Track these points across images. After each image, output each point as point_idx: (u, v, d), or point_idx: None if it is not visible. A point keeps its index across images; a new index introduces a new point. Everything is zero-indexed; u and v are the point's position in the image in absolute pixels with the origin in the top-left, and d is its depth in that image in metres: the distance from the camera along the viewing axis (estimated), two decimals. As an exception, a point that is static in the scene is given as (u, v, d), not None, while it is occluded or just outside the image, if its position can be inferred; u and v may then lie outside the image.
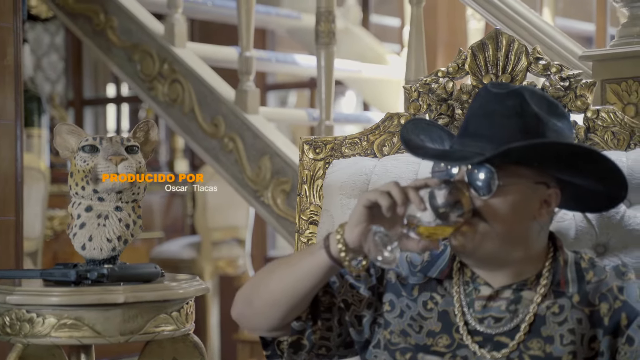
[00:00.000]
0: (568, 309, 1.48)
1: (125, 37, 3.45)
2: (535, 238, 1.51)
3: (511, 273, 1.51)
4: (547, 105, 1.51)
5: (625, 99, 2.13)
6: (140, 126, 1.96)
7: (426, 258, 1.60)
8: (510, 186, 1.46)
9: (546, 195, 1.49)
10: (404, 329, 1.55)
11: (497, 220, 1.46)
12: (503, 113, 1.48)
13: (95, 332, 1.70)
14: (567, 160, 1.47)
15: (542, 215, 1.49)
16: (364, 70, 4.15)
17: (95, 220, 1.87)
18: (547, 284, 1.49)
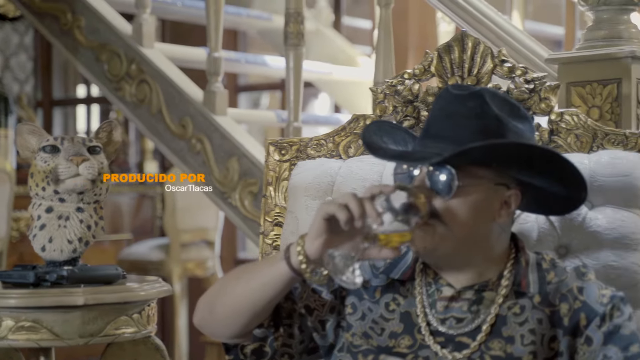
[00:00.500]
0: (529, 309, 1.48)
1: (92, 37, 3.42)
2: (495, 239, 1.51)
3: (473, 274, 1.51)
4: (509, 107, 1.52)
5: (590, 101, 2.14)
6: (103, 126, 1.94)
7: (388, 260, 1.60)
8: (470, 187, 1.47)
9: (506, 196, 1.49)
10: (365, 332, 1.55)
11: (456, 221, 1.46)
12: (463, 114, 1.48)
13: (54, 335, 1.68)
14: (526, 162, 1.47)
15: (502, 216, 1.49)
16: (335, 72, 4.14)
17: (56, 221, 1.85)
18: (509, 285, 1.50)
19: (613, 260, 1.69)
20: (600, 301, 1.46)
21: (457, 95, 1.50)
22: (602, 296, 1.47)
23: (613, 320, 1.45)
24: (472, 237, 1.48)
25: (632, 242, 1.70)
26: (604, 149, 1.78)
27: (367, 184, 1.96)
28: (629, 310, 1.47)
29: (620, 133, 1.79)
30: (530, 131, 1.53)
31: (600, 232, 1.71)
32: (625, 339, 1.43)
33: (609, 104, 2.13)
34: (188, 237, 4.74)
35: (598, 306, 1.46)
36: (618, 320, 1.45)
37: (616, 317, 1.45)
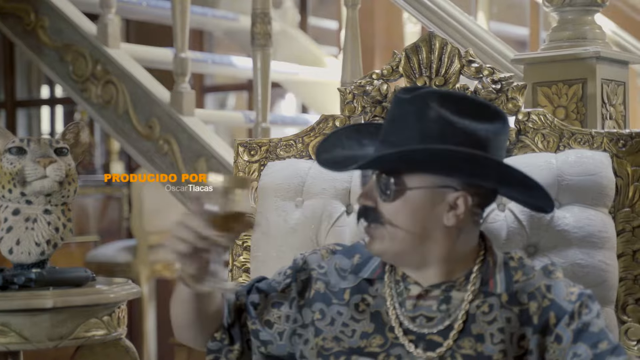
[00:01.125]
0: (497, 308, 1.50)
1: (56, 38, 3.39)
2: (454, 240, 1.51)
3: (439, 272, 1.52)
4: (470, 107, 1.49)
5: (556, 101, 2.17)
6: (70, 128, 1.93)
7: (356, 261, 1.61)
8: (412, 190, 1.48)
9: (452, 199, 1.49)
10: (336, 336, 1.56)
11: (401, 223, 1.48)
12: (405, 118, 1.49)
13: (23, 338, 1.66)
14: (464, 167, 1.47)
15: (449, 219, 1.49)
16: (301, 72, 4.15)
17: (23, 223, 1.83)
18: (477, 284, 1.51)
19: (581, 259, 1.71)
20: (569, 299, 1.48)
21: (400, 99, 1.51)
22: (570, 294, 1.49)
23: (582, 317, 1.46)
24: (423, 239, 1.50)
25: (599, 240, 1.72)
26: (571, 148, 1.81)
27: (337, 184, 1.96)
28: (597, 308, 1.49)
29: (587, 132, 1.81)
30: (496, 132, 1.50)
31: (568, 230, 1.73)
32: (594, 337, 1.45)
33: (574, 104, 2.16)
34: (155, 238, 4.71)
35: (566, 304, 1.48)
36: (587, 317, 1.46)
37: (585, 314, 1.46)
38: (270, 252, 1.96)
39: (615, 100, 2.18)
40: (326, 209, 1.95)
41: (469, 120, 1.48)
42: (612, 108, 2.16)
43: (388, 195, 1.48)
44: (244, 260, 2.03)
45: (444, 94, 1.51)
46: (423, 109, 1.47)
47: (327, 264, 1.62)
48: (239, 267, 2.03)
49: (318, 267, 1.62)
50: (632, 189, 1.75)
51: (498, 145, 1.50)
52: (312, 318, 1.58)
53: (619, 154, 1.77)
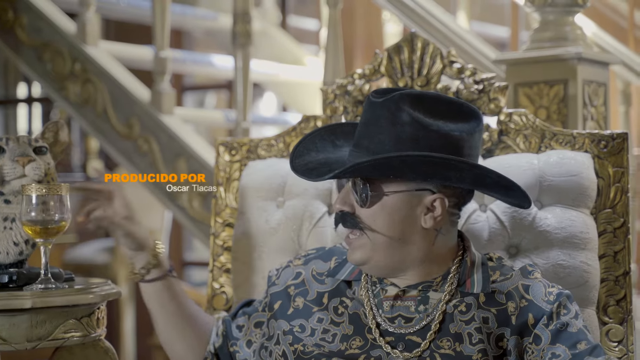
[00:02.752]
0: (474, 308, 1.50)
1: (35, 36, 3.36)
2: (431, 242, 1.51)
3: (415, 274, 1.52)
4: (444, 107, 1.49)
5: (537, 102, 2.17)
6: (49, 126, 1.90)
7: (333, 264, 1.61)
8: (389, 195, 1.48)
9: (429, 202, 1.49)
10: (317, 343, 1.56)
11: (379, 228, 1.48)
12: (378, 122, 1.48)
13: (1, 339, 1.63)
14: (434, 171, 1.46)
15: (427, 222, 1.49)
16: (282, 72, 4.13)
17: (2, 223, 1.80)
18: (454, 284, 1.51)
19: (562, 260, 1.71)
20: (547, 299, 1.48)
21: (372, 103, 1.50)
22: (548, 294, 1.49)
23: (560, 318, 1.46)
24: (402, 243, 1.49)
25: (581, 241, 1.72)
26: (552, 149, 1.81)
27: (319, 184, 1.95)
28: (576, 308, 1.49)
29: (568, 133, 1.81)
30: (470, 131, 1.49)
31: (549, 231, 1.73)
32: (573, 337, 1.45)
33: (555, 105, 2.16)
34: (134, 238, 4.67)
35: (545, 304, 1.48)
36: (565, 318, 1.46)
37: (563, 315, 1.47)
38: (252, 252, 1.96)
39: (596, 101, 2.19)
40: (307, 210, 1.94)
41: (443, 121, 1.47)
42: (594, 109, 2.17)
43: (365, 201, 1.48)
44: (225, 261, 2.01)
45: (417, 95, 1.49)
46: (395, 113, 1.46)
47: (304, 271, 1.62)
48: (219, 267, 2.02)
49: (293, 279, 1.62)
50: (613, 190, 1.75)
51: (473, 145, 1.49)
52: (289, 329, 1.58)
53: (600, 155, 1.77)
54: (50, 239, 1.71)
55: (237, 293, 1.96)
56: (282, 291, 1.63)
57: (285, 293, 1.62)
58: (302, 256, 1.67)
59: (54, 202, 1.69)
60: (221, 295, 2.00)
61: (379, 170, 1.46)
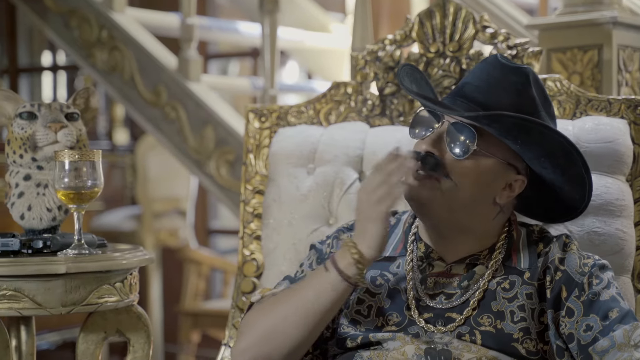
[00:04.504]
0: (518, 285, 1.48)
1: (62, 3, 3.35)
2: (491, 217, 1.51)
3: (465, 246, 1.51)
4: (544, 97, 1.51)
5: (570, 67, 2.14)
6: (80, 93, 1.90)
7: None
8: (484, 157, 1.47)
9: (512, 179, 1.49)
10: (353, 318, 1.53)
11: (461, 183, 1.46)
12: (503, 85, 1.47)
13: (36, 304, 1.64)
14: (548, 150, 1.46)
15: (502, 197, 1.49)
16: (307, 39, 4.11)
17: (35, 189, 1.81)
18: (499, 260, 1.50)
19: (597, 227, 1.69)
20: (581, 270, 1.46)
21: (503, 65, 1.48)
22: (583, 265, 1.47)
23: (592, 288, 1.45)
24: (470, 206, 1.48)
25: (617, 208, 1.71)
26: (587, 115, 1.78)
27: (349, 150, 1.95)
28: (608, 276, 1.47)
29: (604, 99, 1.79)
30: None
31: (584, 198, 1.71)
32: (604, 306, 1.43)
33: (589, 70, 2.13)
34: (160, 206, 4.70)
35: (578, 276, 1.46)
36: (596, 287, 1.45)
37: (595, 285, 1.45)
38: (282, 219, 1.95)
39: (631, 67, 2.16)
40: (338, 176, 1.93)
41: (543, 109, 1.49)
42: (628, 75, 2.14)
43: (465, 153, 1.45)
44: (255, 228, 2.01)
45: (536, 77, 1.50)
46: (526, 85, 1.47)
47: None
48: (249, 234, 2.02)
49: None
50: (649, 157, 1.73)
51: None
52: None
53: (636, 120, 1.75)
54: (84, 205, 1.71)
55: (267, 260, 1.97)
56: None
57: None
58: (345, 229, 1.63)
59: (86, 168, 1.70)
60: (252, 262, 2.01)
61: (509, 130, 1.44)
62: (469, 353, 1.44)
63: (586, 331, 1.42)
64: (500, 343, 1.45)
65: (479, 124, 1.45)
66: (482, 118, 1.44)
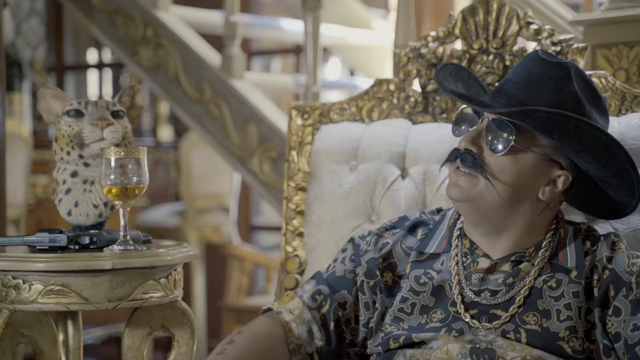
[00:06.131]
0: (565, 283, 1.46)
1: (107, 1, 3.39)
2: (537, 214, 1.49)
3: (510, 244, 1.50)
4: (591, 93, 1.49)
5: (616, 64, 2.12)
6: (126, 90, 1.93)
7: (419, 236, 1.59)
8: (523, 152, 1.46)
9: (555, 174, 1.48)
10: (396, 316, 1.53)
11: (500, 179, 1.45)
12: (543, 81, 1.46)
13: (83, 299, 1.67)
14: (589, 145, 1.44)
15: (545, 193, 1.48)
16: (349, 35, 4.11)
17: (81, 186, 1.84)
18: (545, 257, 1.48)
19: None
20: (629, 270, 1.44)
21: (543, 60, 1.47)
22: (632, 265, 1.45)
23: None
24: (511, 203, 1.47)
25: (663, 206, 1.68)
26: (633, 111, 1.76)
27: (392, 147, 1.95)
28: None
29: (650, 96, 1.77)
30: (605, 127, 1.49)
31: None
32: None
33: (635, 66, 2.10)
34: (204, 202, 4.73)
35: (626, 275, 1.44)
36: None
37: None
38: (324, 216, 1.96)
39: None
40: (381, 173, 1.93)
41: (590, 105, 1.47)
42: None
43: (504, 148, 1.45)
44: (298, 225, 2.02)
45: (580, 72, 1.48)
46: (565, 80, 1.45)
47: (393, 244, 1.60)
48: (292, 231, 2.03)
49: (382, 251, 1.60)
50: (696, 154, 1.70)
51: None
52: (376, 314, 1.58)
53: (683, 117, 1.72)
54: (129, 202, 1.74)
55: (310, 257, 1.97)
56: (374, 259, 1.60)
57: (375, 264, 1.59)
58: (388, 227, 1.63)
59: (132, 165, 1.72)
60: (294, 258, 2.02)
61: (543, 125, 1.43)
62: (513, 352, 1.43)
63: (633, 331, 1.40)
64: (546, 342, 1.43)
65: (513, 120, 1.44)
66: (515, 114, 1.43)
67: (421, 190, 1.90)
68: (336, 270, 1.61)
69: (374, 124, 2.02)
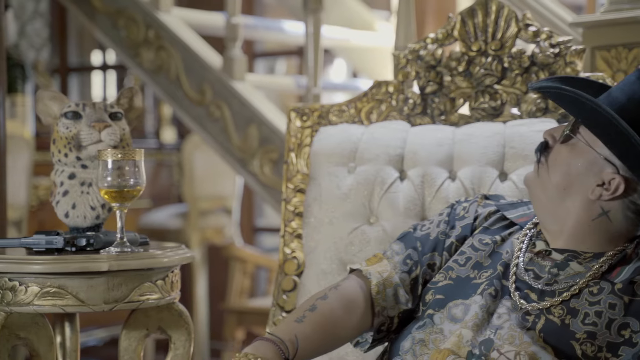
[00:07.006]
0: (606, 292, 1.45)
1: (109, 3, 3.40)
2: (590, 217, 1.48)
3: (567, 238, 1.50)
4: None
5: (615, 66, 2.11)
6: (124, 92, 1.93)
7: (507, 201, 1.65)
8: (578, 144, 1.48)
9: (609, 176, 1.46)
10: (448, 265, 1.57)
11: (553, 168, 1.50)
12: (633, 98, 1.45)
13: (79, 301, 1.67)
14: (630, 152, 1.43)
15: (594, 193, 1.46)
16: (352, 37, 4.10)
17: (79, 187, 1.84)
18: (603, 268, 1.47)
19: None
20: None
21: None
22: None
23: None
24: (560, 193, 1.49)
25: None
26: (631, 113, 1.76)
27: (390, 149, 1.95)
28: None
29: (648, 97, 1.75)
30: None
31: None
32: None
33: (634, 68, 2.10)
34: (206, 204, 4.73)
35: None
36: None
37: None
38: (323, 218, 1.96)
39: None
40: (379, 175, 1.93)
41: None
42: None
43: (564, 138, 1.49)
44: (296, 227, 2.02)
45: None
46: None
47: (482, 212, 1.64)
48: (290, 233, 2.03)
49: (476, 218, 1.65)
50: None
51: None
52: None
53: (682, 119, 1.71)
54: (126, 204, 1.74)
55: (308, 258, 1.97)
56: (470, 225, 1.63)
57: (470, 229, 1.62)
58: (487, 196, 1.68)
59: (129, 167, 1.72)
60: (292, 260, 2.02)
61: (589, 118, 1.44)
62: (510, 345, 1.43)
63: None
64: (559, 337, 1.43)
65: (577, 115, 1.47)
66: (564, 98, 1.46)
67: (420, 193, 1.90)
68: (431, 232, 1.64)
69: (372, 125, 2.01)
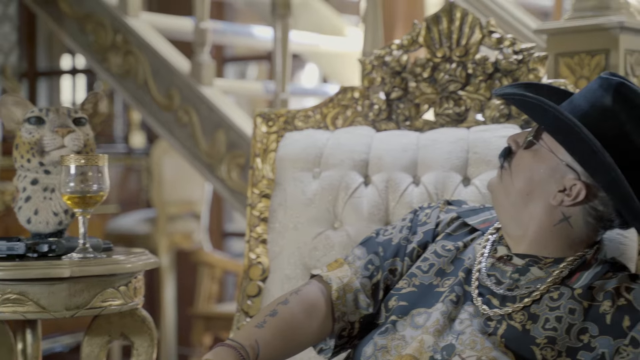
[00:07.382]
0: (566, 297, 1.46)
1: (77, 7, 3.38)
2: (551, 223, 1.49)
3: (528, 243, 1.51)
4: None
5: (578, 72, 2.13)
6: (88, 98, 1.92)
7: (467, 209, 1.65)
8: (542, 152, 1.48)
9: (570, 182, 1.46)
10: (411, 272, 1.58)
11: (515, 172, 1.50)
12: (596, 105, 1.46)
13: (40, 307, 1.66)
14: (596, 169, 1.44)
15: (555, 198, 1.47)
16: (321, 43, 4.11)
17: (42, 193, 1.83)
18: (562, 274, 1.48)
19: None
20: None
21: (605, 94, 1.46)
22: None
23: None
24: (522, 198, 1.49)
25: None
26: (593, 120, 1.77)
27: (355, 155, 1.95)
28: None
29: (609, 104, 1.77)
30: None
31: None
32: None
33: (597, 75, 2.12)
34: (175, 209, 4.72)
35: None
36: None
37: None
38: (288, 223, 1.96)
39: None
40: (344, 180, 1.94)
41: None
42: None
43: (527, 144, 1.50)
44: (261, 232, 2.02)
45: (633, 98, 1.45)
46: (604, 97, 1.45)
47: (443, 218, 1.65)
48: (255, 238, 2.03)
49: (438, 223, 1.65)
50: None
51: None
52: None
53: (641, 126, 1.73)
54: (89, 209, 1.73)
55: (272, 264, 1.97)
56: (431, 230, 1.64)
57: (431, 235, 1.63)
58: (449, 202, 1.68)
59: (92, 173, 1.71)
60: (257, 265, 2.01)
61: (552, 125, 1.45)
62: (471, 350, 1.44)
63: None
64: (520, 343, 1.44)
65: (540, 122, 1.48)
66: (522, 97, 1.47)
67: (384, 198, 1.91)
68: (393, 238, 1.64)
69: (338, 131, 2.02)
